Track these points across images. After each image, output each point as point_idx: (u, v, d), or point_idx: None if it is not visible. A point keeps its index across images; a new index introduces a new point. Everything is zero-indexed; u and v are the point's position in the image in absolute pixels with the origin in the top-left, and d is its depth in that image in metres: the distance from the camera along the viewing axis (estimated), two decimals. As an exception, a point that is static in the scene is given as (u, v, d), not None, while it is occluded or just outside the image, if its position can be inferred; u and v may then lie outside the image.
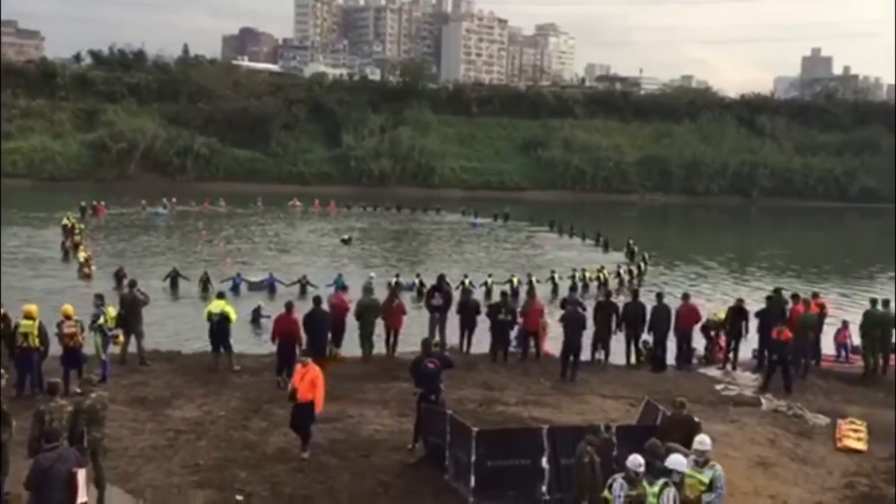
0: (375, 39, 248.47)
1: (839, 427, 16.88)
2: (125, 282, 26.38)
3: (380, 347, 21.78)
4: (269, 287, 34.85)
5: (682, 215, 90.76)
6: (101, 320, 18.53)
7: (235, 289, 34.20)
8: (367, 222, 66.37)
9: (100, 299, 19.17)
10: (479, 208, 70.46)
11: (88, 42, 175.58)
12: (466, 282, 31.95)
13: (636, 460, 10.32)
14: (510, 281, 35.17)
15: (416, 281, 34.43)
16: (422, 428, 14.59)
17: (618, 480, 10.23)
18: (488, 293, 33.24)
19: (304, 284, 33.05)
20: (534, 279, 34.74)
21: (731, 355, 22.43)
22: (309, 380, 14.08)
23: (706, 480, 10.71)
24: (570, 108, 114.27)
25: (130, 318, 19.97)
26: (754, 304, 23.80)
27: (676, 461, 10.51)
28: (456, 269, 39.63)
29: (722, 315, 23.39)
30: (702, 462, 10.84)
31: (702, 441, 10.99)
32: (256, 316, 31.97)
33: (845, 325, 23.92)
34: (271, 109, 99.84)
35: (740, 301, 23.00)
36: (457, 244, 55.78)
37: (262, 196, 74.44)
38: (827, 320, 23.47)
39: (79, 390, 12.47)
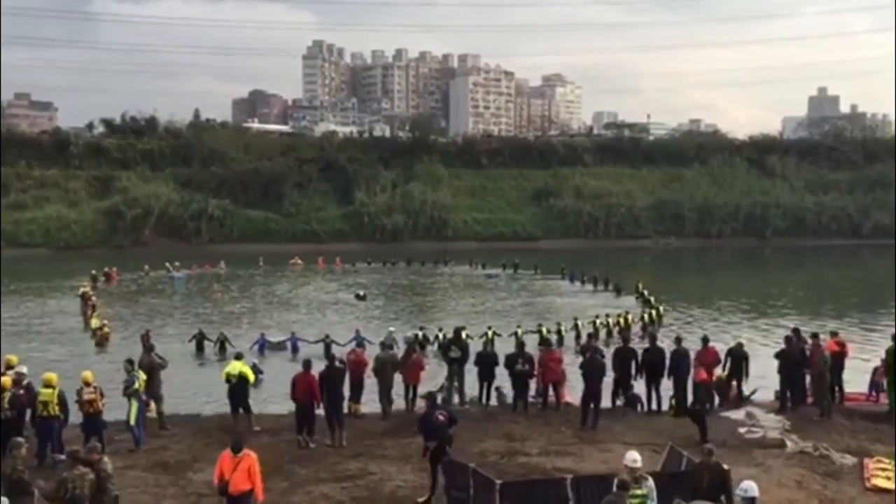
0: (384, 96, 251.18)
1: (867, 466, 16.65)
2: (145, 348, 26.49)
3: (399, 403, 21.72)
4: (293, 346, 34.64)
5: (697, 258, 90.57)
6: (136, 385, 18.39)
7: (260, 349, 34.18)
8: (374, 278, 65.83)
9: (130, 364, 18.86)
10: (493, 259, 70.51)
11: (100, 111, 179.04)
12: (489, 333, 32.02)
13: (632, 455, 10.50)
14: (539, 331, 34.89)
15: (439, 334, 34.21)
16: (444, 482, 14.48)
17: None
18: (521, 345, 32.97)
19: (328, 343, 32.85)
20: (563, 327, 34.84)
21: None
22: (244, 468, 13.00)
23: None
24: (580, 156, 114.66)
25: (149, 382, 20.00)
26: (774, 345, 23.66)
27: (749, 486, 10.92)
28: (475, 320, 39.57)
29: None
30: None
31: (747, 488, 10.97)
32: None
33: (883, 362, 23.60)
34: (283, 169, 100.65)
35: (740, 345, 22.99)
36: (472, 296, 55.66)
37: (277, 256, 74.58)
38: (865, 358, 23.24)
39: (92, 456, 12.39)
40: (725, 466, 12.89)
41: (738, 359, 22.51)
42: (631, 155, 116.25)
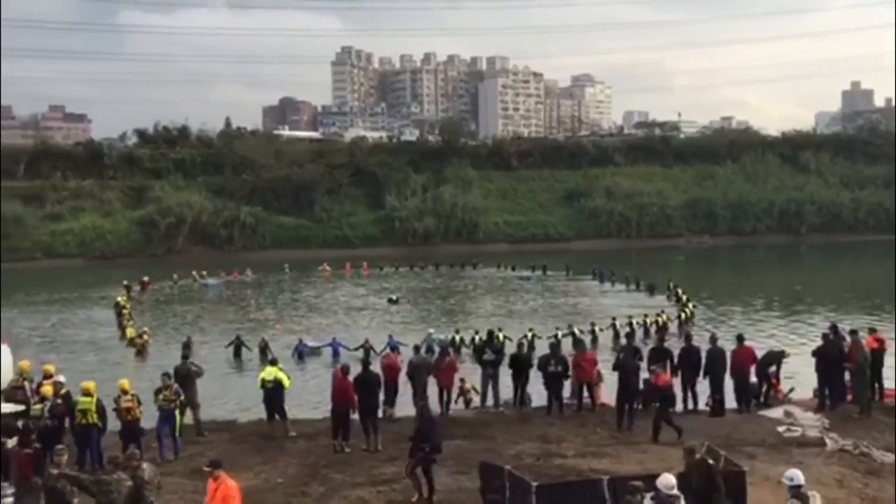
0: (413, 101, 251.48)
1: (908, 464, 16.41)
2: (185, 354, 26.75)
3: (434, 406, 21.68)
4: (333, 351, 34.77)
5: (731, 256, 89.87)
6: (182, 397, 18.58)
7: (300, 356, 34.34)
8: (403, 282, 65.92)
9: (168, 377, 18.87)
10: (524, 261, 70.41)
11: (133, 121, 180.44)
12: (529, 335, 32.06)
13: (668, 482, 10.30)
14: (572, 333, 34.77)
15: (475, 336, 34.17)
16: (480, 485, 14.47)
17: (647, 500, 10.21)
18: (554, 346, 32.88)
19: (367, 349, 32.92)
20: (576, 330, 34.68)
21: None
22: (220, 497, 11.97)
23: None
24: (611, 156, 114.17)
25: (185, 389, 20.13)
26: (811, 343, 23.43)
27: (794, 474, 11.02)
28: (508, 323, 39.52)
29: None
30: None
31: (793, 476, 10.87)
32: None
33: None
34: (314, 176, 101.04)
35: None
36: (504, 298, 55.59)
37: (309, 262, 74.85)
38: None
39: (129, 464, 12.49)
40: (710, 462, 12.71)
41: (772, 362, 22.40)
42: (662, 154, 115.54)
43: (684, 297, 45.05)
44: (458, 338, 33.72)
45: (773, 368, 22.78)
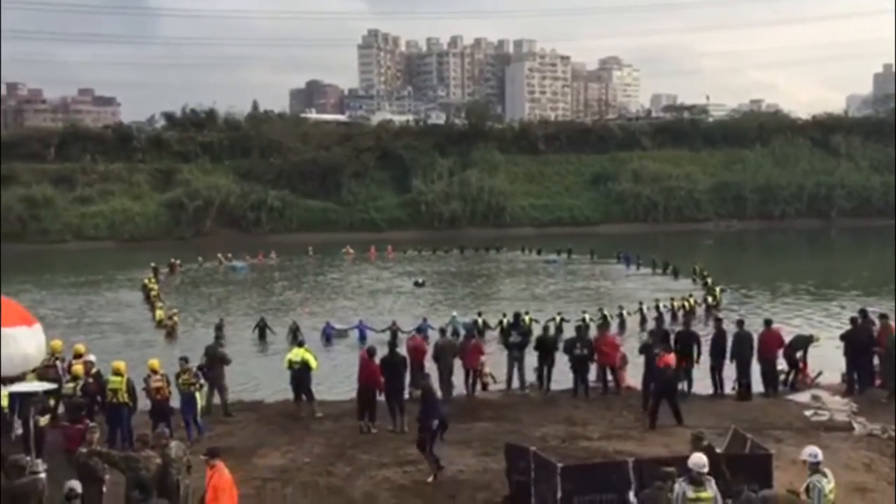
0: (439, 84, 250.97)
1: (937, 449, 16.30)
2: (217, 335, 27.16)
3: (459, 388, 21.81)
4: (360, 334, 34.90)
5: (760, 240, 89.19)
6: (202, 380, 18.81)
7: (328, 338, 34.54)
8: (427, 265, 65.86)
9: (186, 361, 18.92)
10: (550, 245, 70.26)
11: (161, 105, 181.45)
12: (557, 318, 32.15)
13: (700, 460, 10.28)
14: (603, 316, 34.80)
15: (503, 320, 34.24)
16: (506, 466, 14.52)
17: (680, 483, 10.19)
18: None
19: (394, 331, 32.98)
20: (606, 312, 34.76)
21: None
22: (212, 487, 11.28)
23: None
24: (638, 139, 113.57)
25: (213, 370, 20.33)
26: (840, 327, 23.29)
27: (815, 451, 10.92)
28: (534, 306, 39.48)
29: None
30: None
31: (814, 453, 10.90)
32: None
33: None
34: (341, 159, 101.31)
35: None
36: (529, 281, 55.56)
37: (336, 245, 75.11)
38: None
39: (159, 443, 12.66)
40: (718, 450, 12.65)
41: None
42: (690, 137, 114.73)
43: (710, 281, 44.89)
44: (481, 321, 33.77)
45: (800, 353, 22.69)
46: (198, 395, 18.40)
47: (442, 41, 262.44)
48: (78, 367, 17.79)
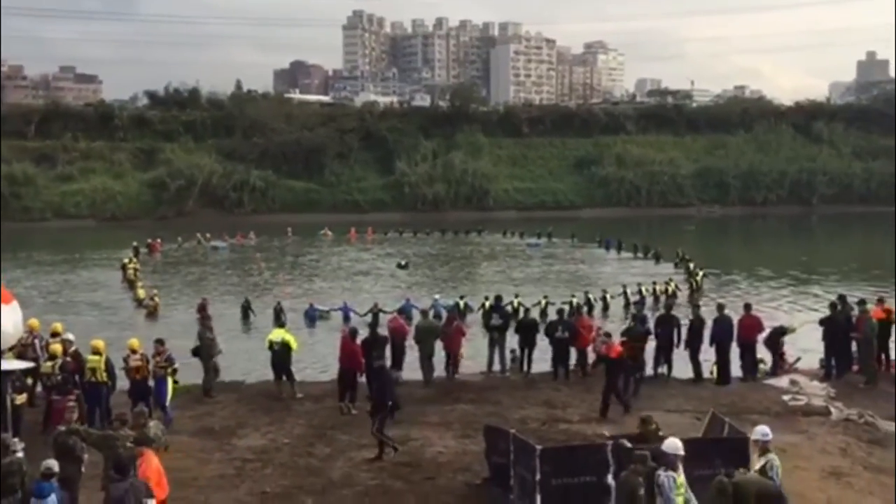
0: (424, 66, 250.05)
1: (913, 434, 16.47)
2: (201, 319, 26.82)
3: (440, 370, 21.84)
4: (344, 315, 34.80)
5: (741, 226, 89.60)
6: (176, 364, 18.21)
7: (312, 320, 34.48)
8: (408, 247, 65.60)
9: (161, 344, 18.41)
10: (534, 228, 70.28)
11: (144, 83, 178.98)
12: (543, 302, 32.28)
13: (676, 443, 10.40)
14: (587, 300, 35.05)
15: (485, 302, 34.33)
16: (485, 447, 14.57)
17: (662, 476, 10.27)
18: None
19: (376, 313, 32.98)
20: (591, 296, 35.01)
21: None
22: (140, 474, 10.76)
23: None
24: (622, 124, 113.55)
25: (203, 355, 20.25)
26: (819, 313, 23.44)
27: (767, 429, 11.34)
28: (514, 290, 39.47)
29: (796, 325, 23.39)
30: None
31: (766, 432, 11.22)
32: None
33: None
34: (324, 140, 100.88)
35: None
36: (510, 265, 55.61)
37: (319, 226, 74.73)
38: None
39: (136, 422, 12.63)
40: (661, 434, 12.71)
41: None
42: (674, 122, 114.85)
43: (692, 266, 45.13)
44: (463, 303, 33.82)
45: (782, 340, 22.93)
46: (170, 379, 18.01)
47: (427, 23, 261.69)
48: (56, 346, 17.68)
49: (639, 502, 10.68)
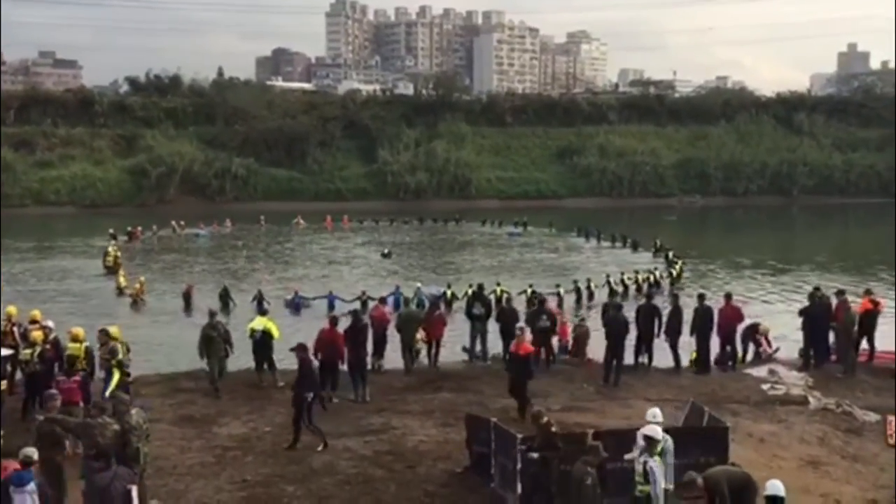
0: (407, 54, 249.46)
1: (889, 423, 16.56)
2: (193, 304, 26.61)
3: (422, 358, 21.86)
4: (330, 304, 34.68)
5: (722, 217, 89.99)
6: (120, 356, 17.18)
7: (296, 308, 34.39)
8: (385, 236, 65.67)
9: (105, 335, 17.66)
10: (515, 218, 70.34)
11: (125, 69, 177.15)
12: (528, 291, 32.41)
13: (658, 429, 10.87)
14: (576, 288, 35.27)
15: (468, 291, 34.32)
16: (466, 436, 14.62)
17: (650, 462, 10.50)
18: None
19: (363, 301, 32.83)
20: (593, 283, 35.45)
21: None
22: None
23: None
24: (605, 114, 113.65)
25: (207, 350, 19.83)
26: (799, 303, 23.59)
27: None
28: (497, 277, 39.58)
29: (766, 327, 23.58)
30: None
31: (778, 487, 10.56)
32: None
33: None
34: (306, 128, 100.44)
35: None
36: (491, 254, 55.69)
37: (301, 214, 74.57)
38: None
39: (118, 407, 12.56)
40: (553, 428, 12.74)
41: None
42: (656, 113, 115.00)
43: (671, 255, 45.38)
44: (450, 292, 33.90)
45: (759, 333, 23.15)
46: (114, 371, 17.16)
47: (410, 11, 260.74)
48: (37, 334, 17.56)
49: (585, 491, 10.78)
